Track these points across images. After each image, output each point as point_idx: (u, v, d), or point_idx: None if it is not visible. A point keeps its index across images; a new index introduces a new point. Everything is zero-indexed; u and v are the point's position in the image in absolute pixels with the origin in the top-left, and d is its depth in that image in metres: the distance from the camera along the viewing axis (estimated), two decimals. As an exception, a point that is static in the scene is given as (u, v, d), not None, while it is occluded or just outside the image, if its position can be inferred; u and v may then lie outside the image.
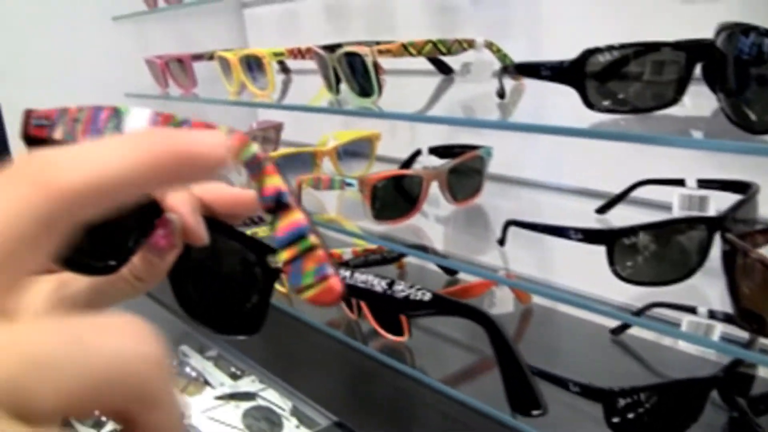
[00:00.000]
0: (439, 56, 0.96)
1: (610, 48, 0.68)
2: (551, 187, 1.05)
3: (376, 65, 0.89)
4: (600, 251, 0.76)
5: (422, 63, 1.03)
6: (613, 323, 0.98)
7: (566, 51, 0.86)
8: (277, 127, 1.40)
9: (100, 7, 1.54)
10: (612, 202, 0.92)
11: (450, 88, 1.07)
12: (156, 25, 1.58)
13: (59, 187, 0.22)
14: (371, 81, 0.89)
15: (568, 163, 1.03)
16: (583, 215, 0.96)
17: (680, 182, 0.85)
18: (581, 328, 1.03)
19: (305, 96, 1.27)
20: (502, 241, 0.86)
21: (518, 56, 0.96)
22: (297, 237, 0.29)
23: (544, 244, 0.91)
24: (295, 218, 0.29)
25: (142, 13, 1.51)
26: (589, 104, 0.70)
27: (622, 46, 0.68)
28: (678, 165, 0.88)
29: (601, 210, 0.93)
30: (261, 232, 0.90)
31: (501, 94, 0.83)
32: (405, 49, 0.90)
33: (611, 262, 0.72)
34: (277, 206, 0.29)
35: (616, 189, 0.94)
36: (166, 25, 1.59)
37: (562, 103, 0.87)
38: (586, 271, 0.83)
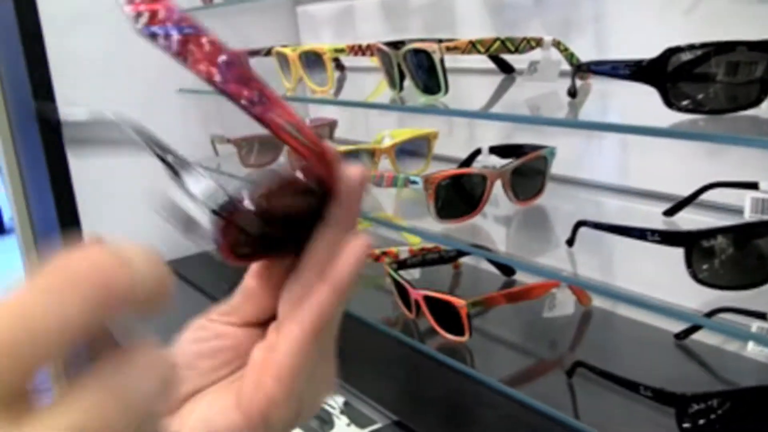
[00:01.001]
0: (504, 54, 0.95)
1: (691, 47, 0.67)
2: (615, 189, 1.03)
3: (443, 62, 0.88)
4: (665, 255, 0.75)
5: (477, 61, 1.01)
6: (676, 327, 0.96)
7: (633, 51, 0.85)
8: (332, 125, 1.39)
9: (154, 2, 1.55)
10: (680, 204, 0.91)
11: (511, 87, 1.06)
12: (208, 20, 1.59)
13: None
14: (438, 78, 0.89)
15: (633, 164, 1.02)
16: (649, 217, 0.95)
17: (753, 185, 0.83)
18: (642, 332, 1.01)
19: (359, 93, 1.27)
20: (570, 242, 0.85)
21: (582, 56, 0.95)
22: None
23: (607, 247, 0.90)
24: None
25: (195, 9, 1.51)
26: (669, 103, 0.69)
27: (704, 45, 0.67)
28: (744, 168, 0.87)
29: (669, 212, 0.91)
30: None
31: (573, 93, 0.82)
32: (473, 47, 0.89)
33: (689, 264, 0.71)
34: None
35: (683, 192, 0.93)
36: (218, 21, 1.60)
37: (628, 103, 0.86)
38: (649, 275, 0.81)
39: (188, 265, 1.27)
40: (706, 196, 0.91)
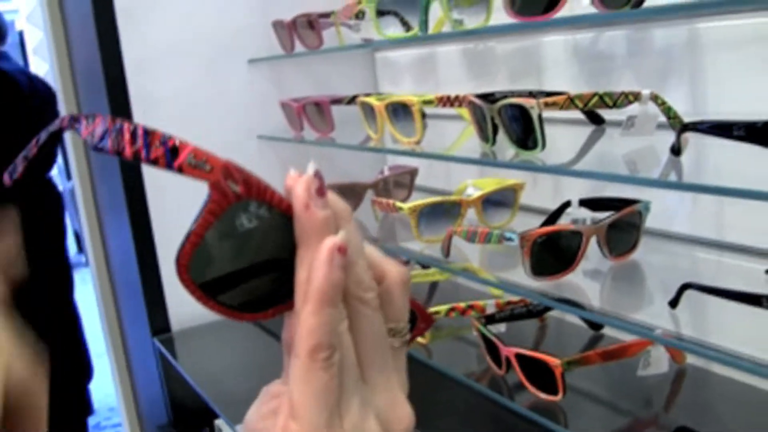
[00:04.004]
0: (601, 109, 0.94)
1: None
2: (711, 244, 1.00)
3: (541, 118, 0.87)
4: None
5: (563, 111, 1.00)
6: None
7: (734, 107, 0.82)
8: (413, 173, 1.39)
9: (236, 49, 1.57)
10: (785, 263, 0.88)
11: (601, 139, 1.05)
12: (289, 68, 1.60)
13: None
14: (536, 134, 0.88)
15: (729, 218, 0.99)
16: (750, 275, 0.92)
17: None
18: (738, 391, 0.98)
19: (439, 140, 1.26)
20: (674, 303, 0.83)
21: (676, 108, 0.93)
22: None
23: (702, 304, 0.88)
24: None
25: (276, 57, 1.53)
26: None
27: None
28: None
29: (774, 271, 0.88)
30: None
31: (677, 151, 0.80)
32: (571, 102, 0.88)
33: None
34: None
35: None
36: (298, 68, 1.61)
37: (723, 157, 0.84)
38: (745, 332, 0.79)
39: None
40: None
